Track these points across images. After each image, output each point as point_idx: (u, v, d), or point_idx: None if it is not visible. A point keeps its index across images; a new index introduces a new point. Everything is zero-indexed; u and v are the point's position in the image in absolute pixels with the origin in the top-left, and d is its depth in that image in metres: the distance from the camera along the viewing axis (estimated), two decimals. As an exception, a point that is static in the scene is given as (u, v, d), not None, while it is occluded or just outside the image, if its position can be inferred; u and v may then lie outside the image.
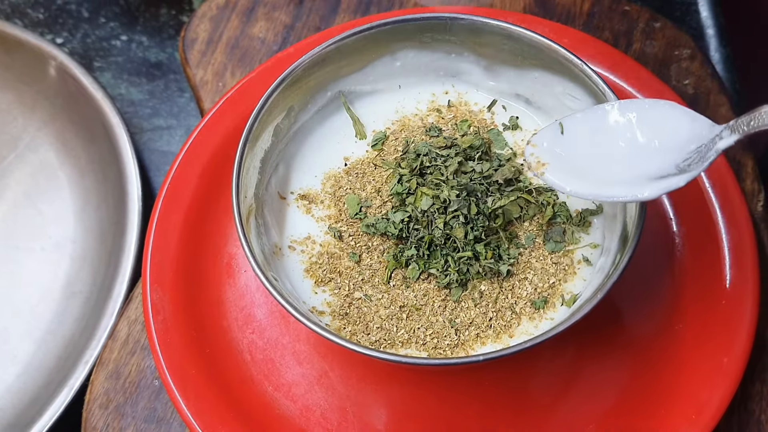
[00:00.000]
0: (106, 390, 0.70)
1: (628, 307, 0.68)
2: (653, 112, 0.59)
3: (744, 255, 0.68)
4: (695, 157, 0.55)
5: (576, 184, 0.59)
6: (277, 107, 0.67)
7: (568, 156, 0.60)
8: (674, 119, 0.58)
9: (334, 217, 0.67)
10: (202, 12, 0.89)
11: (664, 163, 0.57)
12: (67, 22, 0.98)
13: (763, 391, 0.68)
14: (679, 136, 0.57)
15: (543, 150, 0.61)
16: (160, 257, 0.70)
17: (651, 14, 0.85)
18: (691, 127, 0.57)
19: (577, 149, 0.60)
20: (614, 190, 0.57)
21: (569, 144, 0.61)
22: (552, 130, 0.62)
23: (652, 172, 0.57)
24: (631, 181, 0.57)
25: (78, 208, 0.86)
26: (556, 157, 0.60)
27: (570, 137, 0.61)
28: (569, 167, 0.60)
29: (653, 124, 0.58)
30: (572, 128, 0.61)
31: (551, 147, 0.61)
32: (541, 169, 0.60)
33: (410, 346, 0.62)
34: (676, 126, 0.57)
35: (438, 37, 0.70)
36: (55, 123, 0.90)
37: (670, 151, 0.57)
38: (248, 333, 0.69)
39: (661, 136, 0.58)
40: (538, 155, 0.61)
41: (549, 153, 0.61)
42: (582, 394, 0.65)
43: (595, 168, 0.59)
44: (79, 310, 0.80)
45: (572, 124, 0.61)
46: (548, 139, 0.61)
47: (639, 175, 0.57)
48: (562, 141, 0.61)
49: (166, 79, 0.94)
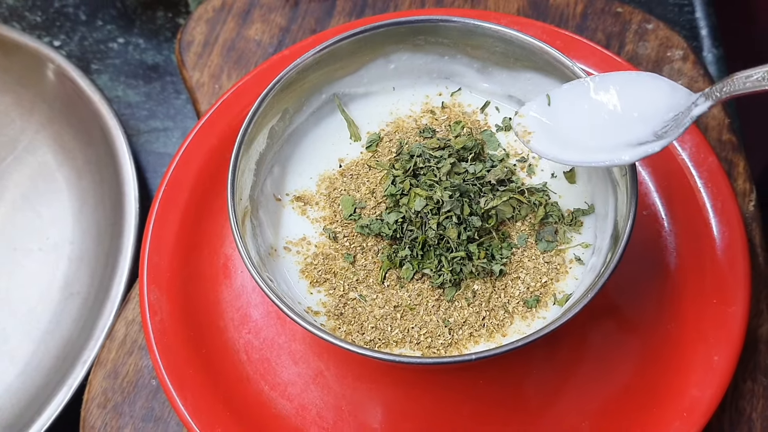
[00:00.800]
0: (104, 389, 0.71)
1: (620, 306, 0.69)
2: (635, 84, 0.61)
3: (735, 254, 0.68)
4: (672, 125, 0.57)
5: (559, 151, 0.61)
6: (272, 110, 0.67)
7: (553, 125, 0.63)
8: (655, 90, 0.60)
9: (328, 219, 0.68)
10: (198, 14, 0.89)
11: (643, 131, 0.59)
12: (64, 24, 0.99)
13: (754, 389, 0.68)
14: (658, 105, 0.59)
15: (530, 119, 0.63)
16: (157, 258, 0.71)
17: (644, 15, 0.85)
18: (670, 97, 0.59)
19: (562, 119, 0.63)
20: (595, 156, 0.59)
21: (555, 114, 0.63)
22: (539, 102, 0.64)
23: (632, 139, 0.59)
24: (611, 148, 0.59)
25: (76, 210, 0.87)
26: (542, 127, 0.63)
27: (556, 108, 0.63)
28: (554, 136, 0.62)
29: (635, 95, 0.61)
30: (559, 99, 0.63)
31: (538, 117, 0.63)
32: (527, 137, 0.62)
33: (404, 346, 0.63)
34: (656, 96, 0.59)
35: (431, 39, 0.70)
36: (52, 125, 0.91)
37: (650, 120, 0.59)
38: (244, 333, 0.69)
39: (642, 106, 0.60)
40: (524, 124, 0.63)
41: (535, 123, 0.63)
42: (575, 393, 0.66)
43: (578, 136, 0.61)
44: (77, 310, 0.80)
45: (559, 95, 0.64)
46: (535, 109, 0.64)
47: (620, 142, 0.59)
48: (549, 112, 0.63)
49: (162, 81, 0.95)
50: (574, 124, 0.62)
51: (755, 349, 0.69)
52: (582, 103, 0.62)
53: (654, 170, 0.73)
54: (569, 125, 0.62)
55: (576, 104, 0.63)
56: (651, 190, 0.73)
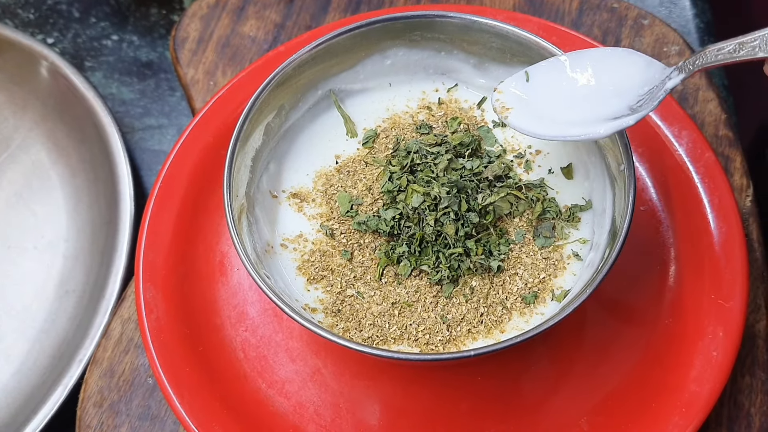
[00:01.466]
0: (100, 388, 0.70)
1: (619, 302, 0.69)
2: (611, 59, 0.62)
3: (733, 249, 0.68)
4: (646, 99, 0.58)
5: (536, 126, 0.62)
6: (267, 106, 0.67)
7: (531, 102, 0.63)
8: (630, 64, 0.61)
9: (325, 215, 0.68)
10: (192, 11, 0.89)
11: (619, 105, 0.60)
12: (57, 22, 0.98)
13: (752, 384, 0.68)
14: (633, 79, 0.60)
15: (508, 96, 0.64)
16: (152, 256, 0.70)
17: (639, 11, 0.85)
18: (645, 71, 0.60)
19: (540, 95, 0.64)
20: (571, 130, 0.60)
21: (533, 90, 0.64)
22: (518, 79, 0.65)
23: (608, 113, 0.60)
24: (587, 122, 0.60)
25: (70, 208, 0.86)
26: (520, 103, 0.64)
27: (534, 84, 0.64)
28: (532, 112, 0.63)
29: (610, 70, 0.62)
30: (537, 76, 0.64)
31: (516, 93, 0.64)
32: (505, 113, 0.63)
33: (402, 342, 0.62)
34: (631, 71, 0.61)
35: (427, 35, 0.70)
36: (46, 123, 0.90)
37: (625, 94, 0.60)
38: (241, 330, 0.69)
39: (617, 81, 0.61)
40: (503, 101, 0.64)
41: (514, 99, 0.64)
42: (573, 389, 0.66)
43: (556, 112, 0.62)
44: (73, 308, 0.80)
45: (537, 71, 0.65)
46: (514, 86, 0.64)
47: (596, 117, 0.60)
48: (527, 88, 0.64)
49: (157, 78, 0.94)
50: (551, 100, 0.63)
51: (753, 345, 0.69)
52: (559, 79, 0.63)
53: (651, 166, 0.73)
54: (547, 101, 0.63)
55: (554, 80, 0.64)
56: (648, 186, 0.73)
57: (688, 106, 0.80)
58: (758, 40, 0.53)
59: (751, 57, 0.53)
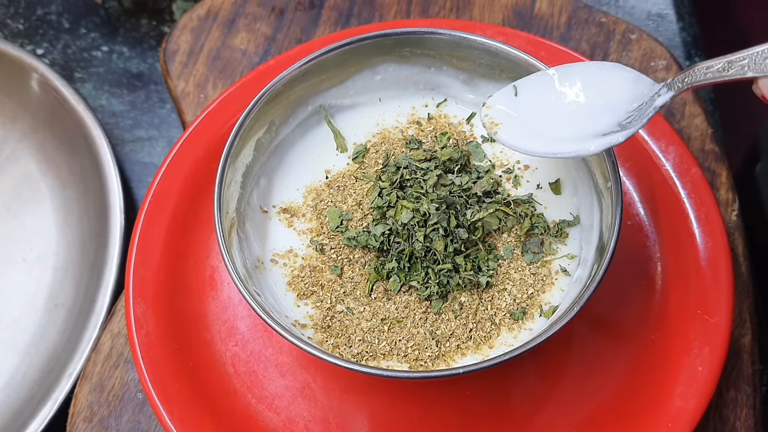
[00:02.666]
0: (90, 403, 0.70)
1: (606, 317, 0.69)
2: (599, 74, 0.62)
3: (719, 264, 0.69)
4: (636, 115, 0.58)
5: (527, 142, 0.62)
6: (258, 121, 0.67)
7: (520, 117, 0.63)
8: (619, 80, 0.61)
9: (315, 230, 0.68)
10: (183, 23, 0.89)
11: (608, 121, 0.60)
12: (47, 32, 0.98)
13: (737, 398, 0.69)
14: (622, 95, 0.60)
15: (497, 111, 0.64)
16: (143, 270, 0.71)
17: (627, 25, 0.86)
18: (633, 87, 0.60)
19: (529, 110, 0.63)
20: (561, 147, 0.60)
21: (522, 105, 0.64)
22: (506, 93, 0.65)
23: (598, 130, 0.59)
24: (577, 138, 0.60)
25: (60, 220, 0.86)
26: (509, 118, 0.63)
27: (523, 99, 0.64)
28: (521, 127, 0.63)
29: (599, 85, 0.61)
30: (525, 90, 0.64)
31: (505, 109, 0.64)
32: (495, 129, 0.63)
33: (392, 358, 0.63)
34: (620, 86, 0.60)
35: (417, 51, 0.70)
36: (36, 134, 0.90)
37: (614, 110, 0.60)
38: (231, 346, 0.69)
39: (606, 96, 0.61)
40: (492, 116, 0.64)
41: (503, 114, 0.64)
42: (561, 403, 0.66)
43: (545, 128, 0.62)
44: (62, 322, 0.80)
45: (525, 86, 0.64)
46: (502, 101, 0.64)
47: (586, 133, 0.60)
48: (516, 103, 0.64)
49: (147, 90, 0.94)
50: (540, 115, 0.63)
51: (738, 359, 0.70)
52: (548, 94, 0.63)
53: (638, 181, 0.74)
54: (536, 116, 0.63)
55: (542, 94, 0.63)
56: (635, 201, 0.73)
57: (674, 120, 0.80)
58: (747, 59, 0.52)
59: (740, 77, 0.53)
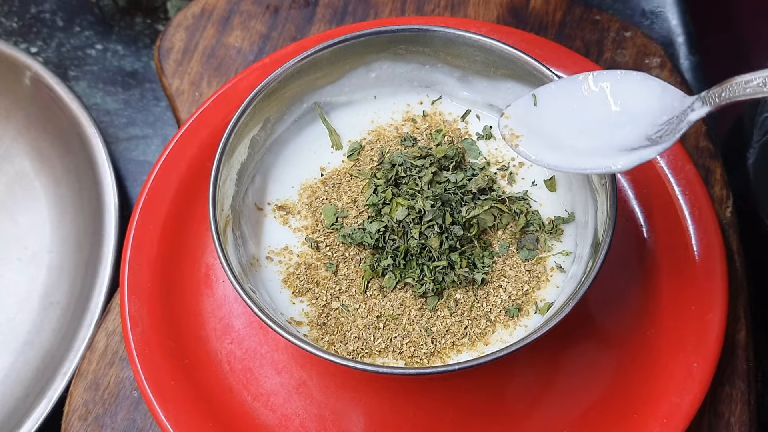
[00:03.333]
0: (85, 401, 0.70)
1: (601, 314, 0.69)
2: (625, 84, 0.58)
3: (713, 261, 0.69)
4: (666, 129, 0.55)
5: (550, 156, 0.58)
6: (253, 119, 0.67)
7: (541, 127, 0.60)
8: (646, 90, 0.57)
9: (311, 228, 0.68)
10: (177, 21, 0.89)
11: (635, 134, 0.56)
12: (41, 31, 0.98)
13: (732, 394, 0.69)
14: (650, 107, 0.57)
15: (516, 121, 0.61)
16: (137, 268, 0.70)
17: (621, 23, 0.86)
18: (662, 99, 0.56)
19: (550, 121, 0.60)
20: (588, 162, 0.56)
21: (542, 115, 0.60)
22: (525, 102, 0.61)
23: (624, 143, 0.56)
24: (603, 152, 0.56)
25: (54, 218, 0.86)
26: (529, 129, 0.60)
27: (543, 109, 0.61)
28: (543, 139, 0.59)
29: (625, 95, 0.58)
30: (545, 99, 0.61)
31: (524, 118, 0.61)
32: (515, 141, 0.60)
33: (387, 355, 0.63)
34: (647, 97, 0.57)
35: (412, 48, 0.70)
36: (30, 133, 0.90)
37: (642, 123, 0.56)
38: (227, 343, 0.69)
39: (633, 108, 0.57)
40: (512, 127, 0.61)
41: (522, 124, 0.60)
42: (556, 400, 0.66)
43: (567, 139, 0.58)
44: (57, 320, 0.80)
45: (545, 95, 0.61)
46: (521, 110, 0.61)
47: (611, 146, 0.56)
48: (535, 112, 0.61)
49: (141, 88, 0.94)
50: (562, 126, 0.59)
51: (733, 355, 0.70)
52: (570, 104, 0.60)
53: (633, 178, 0.74)
54: (557, 127, 0.60)
55: (564, 104, 0.60)
56: (630, 198, 0.73)
57: (669, 118, 0.80)
58: None
59: None
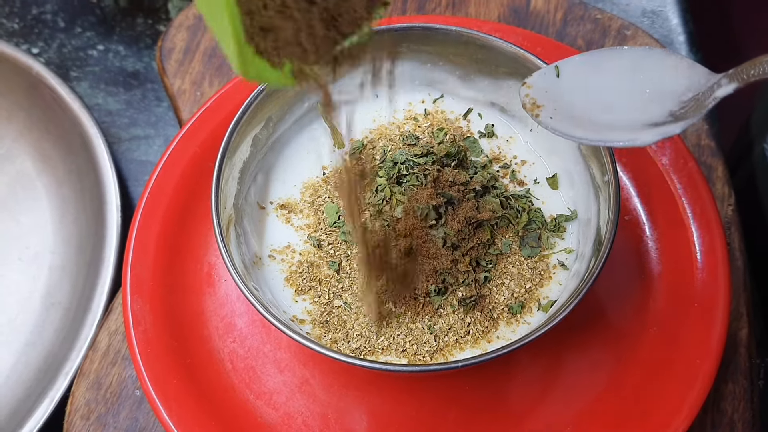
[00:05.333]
0: (87, 401, 0.70)
1: (603, 311, 0.69)
2: (650, 59, 0.58)
3: (715, 258, 0.69)
4: (692, 105, 0.54)
5: (572, 128, 0.57)
6: (255, 118, 0.67)
7: (562, 100, 0.59)
8: (671, 66, 0.57)
9: (313, 226, 0.68)
10: (179, 21, 0.89)
11: (659, 110, 0.56)
12: (42, 32, 0.98)
13: (735, 391, 0.69)
14: (675, 83, 0.56)
15: (538, 91, 0.60)
16: (139, 267, 0.70)
17: (622, 22, 0.86)
18: (688, 75, 0.56)
19: (572, 93, 0.59)
20: (611, 135, 0.56)
21: (565, 87, 0.60)
22: (548, 73, 0.61)
23: (647, 119, 0.56)
24: (626, 127, 0.56)
25: (56, 219, 0.86)
26: (550, 100, 0.59)
27: (566, 81, 0.60)
28: (564, 111, 0.59)
29: (650, 71, 0.58)
30: (568, 72, 0.60)
31: (546, 89, 0.60)
32: (536, 110, 0.59)
33: (390, 353, 0.63)
34: (672, 73, 0.57)
35: (413, 47, 0.71)
36: (32, 133, 0.90)
37: (666, 99, 0.56)
38: (229, 342, 0.69)
39: (657, 83, 0.57)
40: (533, 96, 0.60)
41: (544, 95, 0.60)
42: (559, 397, 0.66)
43: (590, 113, 0.58)
44: (59, 320, 0.80)
45: (569, 67, 0.61)
46: (543, 81, 0.61)
47: (635, 121, 0.56)
48: (558, 84, 0.60)
49: (143, 88, 0.94)
50: (585, 100, 0.59)
51: (736, 352, 0.70)
52: (594, 77, 0.59)
53: (635, 175, 0.74)
54: (580, 100, 0.59)
55: (587, 78, 0.59)
56: (632, 195, 0.73)
57: (670, 116, 0.81)
58: None
59: None
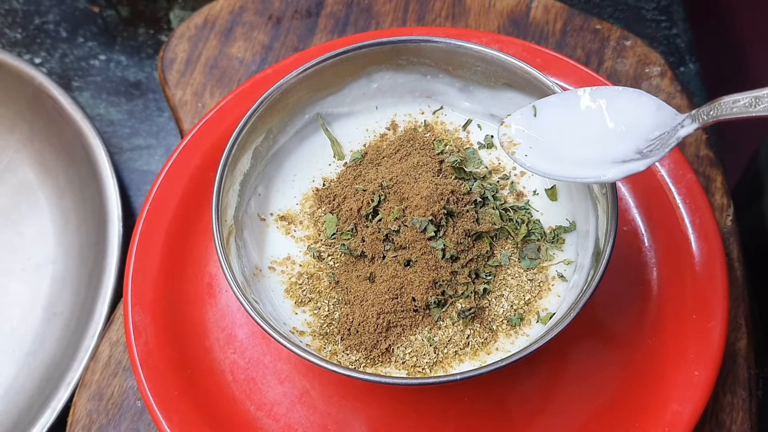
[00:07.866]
0: (88, 411, 0.71)
1: (602, 322, 0.69)
2: (622, 99, 0.61)
3: (714, 269, 0.69)
4: (657, 144, 0.57)
5: (544, 164, 0.61)
6: (255, 130, 0.68)
7: (539, 137, 0.63)
8: (641, 107, 0.60)
9: (313, 238, 0.68)
10: (180, 32, 0.89)
11: (627, 148, 0.59)
12: (45, 42, 0.98)
13: (733, 402, 0.69)
14: (644, 122, 0.59)
15: (515, 131, 0.64)
16: (141, 278, 0.71)
17: (622, 32, 0.87)
18: (656, 115, 0.59)
19: (547, 131, 0.63)
20: (580, 172, 0.59)
21: (541, 126, 0.63)
22: (525, 112, 0.64)
23: (617, 156, 0.59)
24: (596, 163, 0.59)
25: (58, 229, 0.86)
26: (527, 138, 0.63)
27: (542, 120, 0.63)
28: (539, 148, 0.62)
29: (621, 111, 0.61)
30: (545, 111, 0.64)
31: (524, 128, 0.63)
32: (512, 148, 0.62)
33: (389, 365, 0.63)
34: (642, 113, 0.60)
35: (413, 59, 0.71)
36: (33, 144, 0.90)
37: (635, 137, 0.59)
38: (230, 353, 0.69)
39: (627, 122, 0.60)
40: (510, 135, 0.63)
41: (521, 134, 0.63)
42: (558, 409, 0.66)
43: (563, 150, 0.61)
44: (61, 331, 0.80)
45: (545, 107, 0.64)
46: (521, 120, 0.64)
47: (604, 158, 0.59)
48: (535, 123, 0.63)
49: (145, 98, 0.94)
50: (559, 137, 0.62)
51: (734, 363, 0.70)
52: (568, 116, 0.62)
53: (634, 186, 0.74)
54: (554, 138, 0.62)
55: (562, 117, 0.63)
56: (631, 207, 0.74)
57: (669, 126, 0.81)
58: None
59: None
